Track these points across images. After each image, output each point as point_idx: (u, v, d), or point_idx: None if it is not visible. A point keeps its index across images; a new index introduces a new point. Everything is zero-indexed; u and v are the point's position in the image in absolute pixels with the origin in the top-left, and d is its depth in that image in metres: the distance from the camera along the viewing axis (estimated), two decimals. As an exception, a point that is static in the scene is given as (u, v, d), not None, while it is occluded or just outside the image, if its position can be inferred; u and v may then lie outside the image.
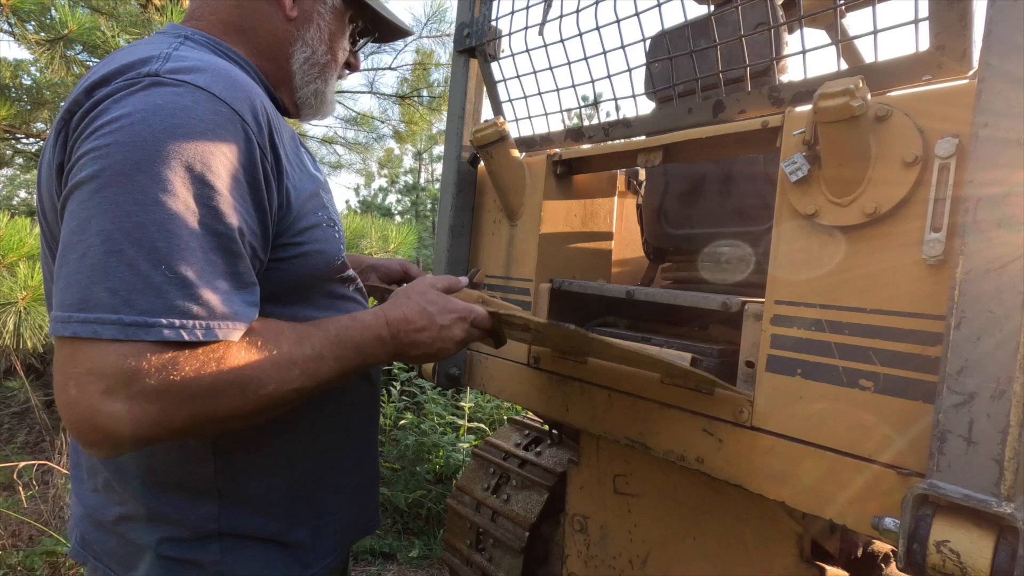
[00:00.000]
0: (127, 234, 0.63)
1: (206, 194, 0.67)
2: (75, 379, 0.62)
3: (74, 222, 0.65)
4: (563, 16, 1.39)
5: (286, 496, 0.92)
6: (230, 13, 0.89)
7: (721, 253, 1.49)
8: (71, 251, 0.64)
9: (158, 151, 0.64)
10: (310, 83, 0.98)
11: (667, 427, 1.13)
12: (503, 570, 1.98)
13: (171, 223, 0.64)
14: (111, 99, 0.68)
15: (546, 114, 1.60)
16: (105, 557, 0.88)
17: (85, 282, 0.62)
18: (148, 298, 0.63)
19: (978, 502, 0.70)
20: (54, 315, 0.64)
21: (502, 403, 4.39)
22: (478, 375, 1.62)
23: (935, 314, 0.81)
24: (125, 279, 0.62)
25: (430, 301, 0.89)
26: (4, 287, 2.57)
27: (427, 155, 10.90)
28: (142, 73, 0.69)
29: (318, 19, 0.95)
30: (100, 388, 0.61)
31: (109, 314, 0.62)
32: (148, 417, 0.63)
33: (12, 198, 9.46)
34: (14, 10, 3.17)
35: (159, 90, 0.68)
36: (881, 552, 1.42)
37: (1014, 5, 0.74)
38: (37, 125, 4.67)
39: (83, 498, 0.92)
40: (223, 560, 0.86)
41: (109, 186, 0.64)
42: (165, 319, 0.63)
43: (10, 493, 3.30)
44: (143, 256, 0.63)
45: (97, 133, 0.66)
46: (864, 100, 0.84)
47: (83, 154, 0.67)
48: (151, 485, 0.83)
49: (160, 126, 0.65)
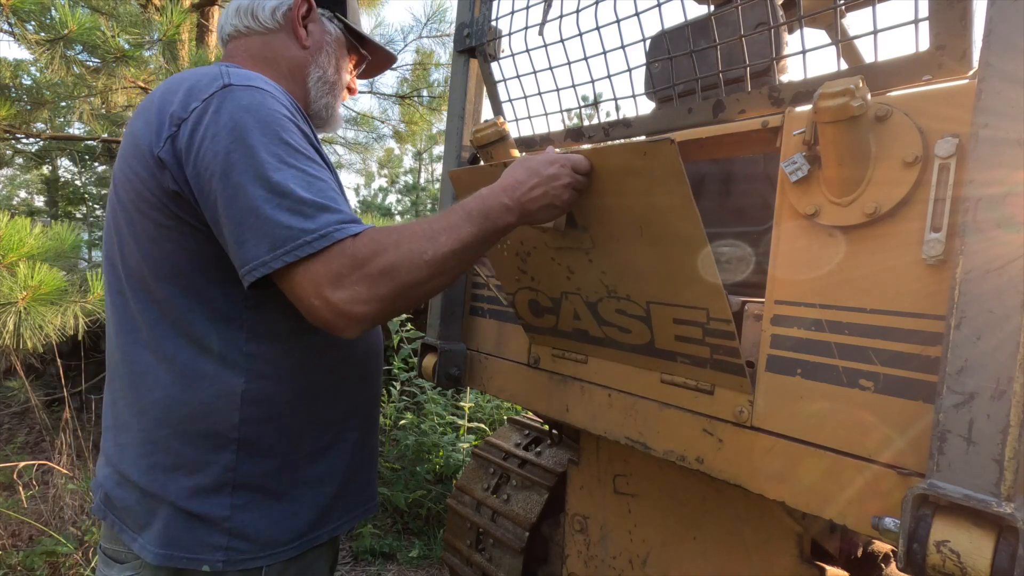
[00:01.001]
0: (273, 192, 0.83)
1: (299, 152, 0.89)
2: (307, 295, 0.83)
3: (230, 198, 0.84)
4: (563, 16, 1.39)
5: (298, 458, 1.01)
6: (259, 48, 1.13)
7: (721, 253, 1.49)
8: (247, 217, 0.83)
9: (260, 131, 0.85)
10: (322, 97, 1.19)
11: (667, 427, 1.13)
12: (503, 570, 1.98)
13: (293, 177, 0.85)
14: (209, 111, 0.87)
15: (546, 114, 1.60)
16: (123, 514, 0.98)
17: (267, 229, 0.82)
18: (313, 221, 0.83)
19: (978, 502, 0.70)
20: (256, 264, 0.83)
21: (502, 403, 4.39)
22: (478, 375, 1.62)
23: (935, 314, 0.81)
24: (291, 218, 0.83)
25: (530, 159, 1.01)
26: (4, 287, 2.57)
27: (427, 155, 10.90)
28: (219, 85, 0.90)
29: (326, 47, 1.18)
30: (311, 291, 0.83)
31: (297, 241, 0.82)
32: (365, 295, 0.83)
33: (12, 198, 9.46)
34: (14, 10, 3.17)
35: (238, 91, 0.89)
36: (881, 552, 1.42)
37: (1014, 5, 0.74)
38: (37, 125, 4.67)
39: (110, 456, 1.02)
40: (232, 517, 0.94)
41: (235, 169, 0.83)
42: (332, 228, 0.84)
43: (10, 493, 3.30)
44: (292, 201, 0.83)
45: (210, 135, 0.86)
46: (864, 100, 0.84)
47: (206, 152, 0.85)
48: (180, 433, 0.94)
49: (251, 115, 0.87)
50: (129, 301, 0.97)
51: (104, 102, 4.19)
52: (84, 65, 3.72)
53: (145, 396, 0.96)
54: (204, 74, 0.94)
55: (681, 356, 1.10)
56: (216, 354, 0.94)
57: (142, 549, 0.94)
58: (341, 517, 1.09)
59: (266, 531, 0.97)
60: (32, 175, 9.02)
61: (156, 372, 0.95)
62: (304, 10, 1.14)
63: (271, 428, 0.98)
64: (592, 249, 1.10)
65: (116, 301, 1.01)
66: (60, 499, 3.07)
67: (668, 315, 1.07)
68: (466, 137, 1.67)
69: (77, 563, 2.64)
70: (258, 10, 1.12)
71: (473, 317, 1.67)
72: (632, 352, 1.19)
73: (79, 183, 7.57)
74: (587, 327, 1.26)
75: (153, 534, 0.94)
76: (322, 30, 1.17)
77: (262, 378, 0.96)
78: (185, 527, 0.93)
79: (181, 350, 0.94)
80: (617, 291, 1.12)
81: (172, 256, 0.93)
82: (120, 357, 1.00)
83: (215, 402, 0.94)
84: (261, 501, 0.97)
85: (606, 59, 1.36)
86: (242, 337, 0.95)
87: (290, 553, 0.99)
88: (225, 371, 0.94)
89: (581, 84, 1.47)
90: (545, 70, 1.48)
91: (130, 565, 0.97)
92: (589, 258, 1.12)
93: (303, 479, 1.02)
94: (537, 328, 1.39)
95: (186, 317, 0.94)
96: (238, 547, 0.94)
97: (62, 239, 2.99)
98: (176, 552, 0.93)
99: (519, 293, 1.35)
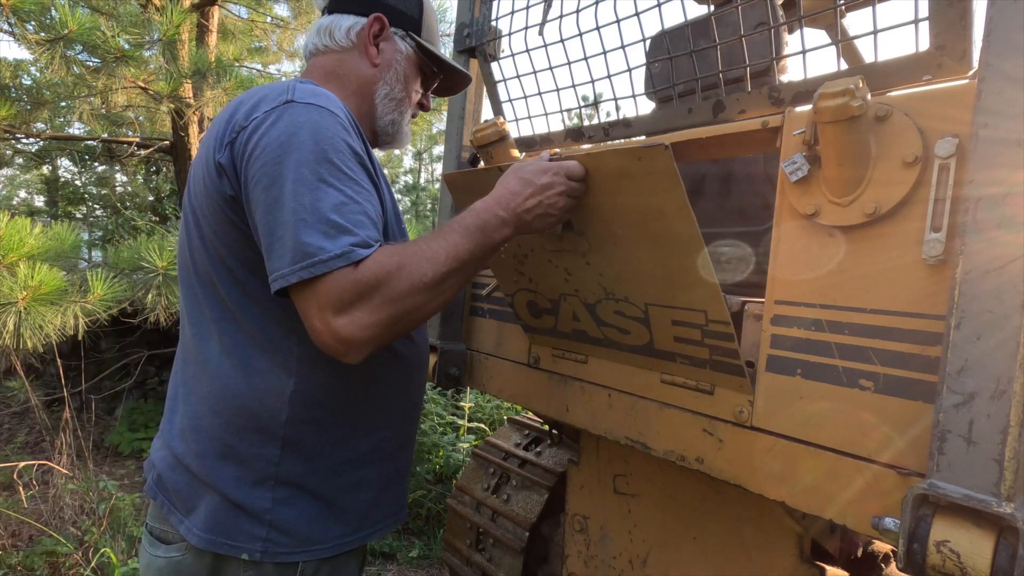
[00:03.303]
0: (305, 209, 0.86)
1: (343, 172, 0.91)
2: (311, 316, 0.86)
3: (268, 209, 0.88)
4: (563, 16, 1.39)
5: (338, 463, 1.05)
6: (332, 65, 1.17)
7: (721, 253, 1.49)
8: (278, 228, 0.87)
9: (309, 148, 0.89)
10: (388, 114, 1.21)
11: (667, 427, 1.13)
12: (503, 570, 1.98)
13: (328, 197, 0.88)
14: (266, 123, 0.92)
15: (546, 114, 1.60)
16: (174, 496, 1.02)
17: (291, 244, 0.85)
18: (333, 242, 0.85)
19: (978, 502, 0.70)
20: (277, 275, 0.86)
21: (502, 403, 4.39)
22: (478, 375, 1.62)
23: (935, 314, 0.81)
24: (313, 236, 0.85)
25: (523, 169, 1.03)
26: (4, 287, 2.57)
27: (427, 155, 10.91)
28: (282, 99, 0.94)
29: (395, 64, 1.20)
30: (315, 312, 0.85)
31: (312, 259, 0.84)
32: (365, 320, 0.85)
33: (12, 198, 9.46)
34: (14, 10, 3.17)
35: (297, 108, 0.93)
36: (881, 552, 1.42)
37: (1014, 5, 0.74)
38: (37, 125, 4.67)
39: (169, 439, 1.06)
40: (273, 509, 0.98)
41: (277, 182, 0.88)
42: (345, 249, 0.85)
43: (10, 493, 3.30)
44: (319, 220, 0.86)
45: (262, 145, 0.90)
46: (864, 100, 0.84)
47: (256, 161, 0.90)
48: (232, 424, 0.99)
49: (305, 132, 0.90)
50: (198, 295, 1.04)
51: (104, 102, 4.19)
52: (84, 65, 3.72)
53: (205, 385, 1.01)
54: (273, 88, 0.99)
55: (680, 357, 1.10)
56: (271, 353, 0.99)
57: (188, 532, 0.99)
58: (375, 524, 1.12)
59: (304, 528, 1.00)
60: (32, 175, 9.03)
61: (217, 364, 1.00)
62: (376, 29, 1.17)
63: (314, 430, 1.02)
64: (589, 252, 1.10)
65: (187, 294, 1.08)
66: (60, 499, 3.07)
67: (667, 317, 1.07)
68: (466, 137, 1.67)
69: (77, 563, 2.64)
70: (335, 30, 1.17)
71: (473, 317, 1.67)
72: (632, 352, 1.19)
73: (79, 183, 7.57)
74: (586, 328, 1.26)
75: (199, 518, 0.98)
76: (394, 48, 1.20)
77: (310, 382, 1.00)
78: (229, 515, 0.98)
79: (240, 345, 0.99)
80: (615, 293, 1.12)
81: (232, 257, 0.98)
82: (189, 346, 1.06)
83: (266, 399, 0.99)
84: (301, 499, 1.01)
85: (606, 59, 1.36)
86: (294, 340, 0.99)
87: (325, 553, 1.02)
88: (278, 370, 0.99)
89: (581, 84, 1.47)
90: (545, 70, 1.48)
91: (176, 546, 1.01)
92: (587, 261, 1.12)
93: (342, 483, 1.05)
94: (537, 329, 1.39)
95: (245, 315, 0.99)
96: (276, 540, 0.98)
97: (62, 239, 3.00)
98: (219, 538, 0.97)
99: (517, 294, 1.35)
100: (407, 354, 1.15)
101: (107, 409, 4.88)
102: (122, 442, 4.45)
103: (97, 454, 4.33)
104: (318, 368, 1.00)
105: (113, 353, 4.87)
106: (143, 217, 6.12)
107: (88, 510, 3.05)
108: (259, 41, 6.20)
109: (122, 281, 3.12)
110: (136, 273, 3.23)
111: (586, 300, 1.19)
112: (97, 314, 2.96)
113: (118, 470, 4.19)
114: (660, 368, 1.16)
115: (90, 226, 6.77)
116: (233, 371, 0.99)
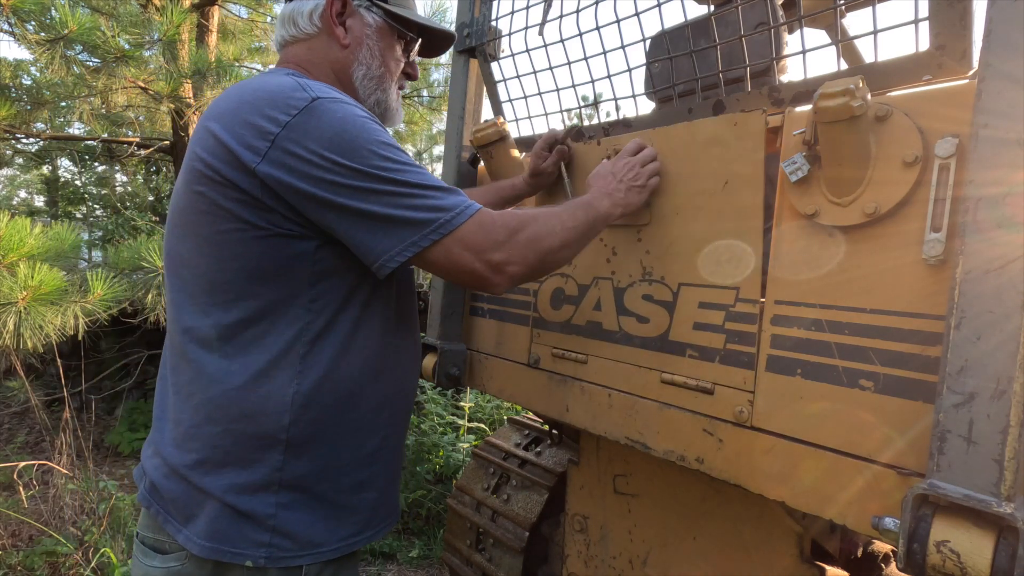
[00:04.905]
0: (401, 186, 0.92)
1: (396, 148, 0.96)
2: (467, 260, 0.96)
3: (360, 200, 0.92)
4: (563, 16, 1.39)
5: (342, 464, 1.04)
6: (305, 55, 1.14)
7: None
8: (381, 210, 0.92)
9: (366, 139, 0.92)
10: (371, 94, 1.17)
11: (667, 427, 1.13)
12: (503, 570, 1.98)
13: (410, 172, 0.94)
14: (302, 127, 0.91)
15: (546, 114, 1.60)
16: (170, 505, 1.00)
17: (408, 217, 0.92)
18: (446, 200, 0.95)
19: (978, 502, 0.70)
20: (402, 247, 0.93)
21: (502, 403, 4.39)
22: (478, 375, 1.62)
23: (935, 314, 0.81)
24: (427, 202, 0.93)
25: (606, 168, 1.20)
26: (4, 287, 2.57)
27: (427, 155, 10.88)
28: (306, 99, 0.93)
29: (367, 40, 1.15)
30: (471, 256, 0.96)
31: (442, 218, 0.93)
32: (517, 257, 0.98)
33: (12, 198, 9.46)
34: (14, 10, 3.16)
35: (327, 105, 0.93)
36: (881, 552, 1.42)
37: (1014, 5, 0.74)
38: (37, 125, 4.67)
39: (161, 448, 1.04)
40: (276, 514, 0.97)
41: (359, 176, 0.91)
42: (465, 204, 0.96)
43: (10, 493, 3.30)
44: (421, 189, 0.93)
45: (318, 144, 0.91)
46: (864, 100, 0.84)
47: (318, 164, 0.90)
48: (232, 431, 0.97)
49: (352, 126, 0.93)
50: (193, 299, 1.00)
51: (104, 102, 4.19)
52: (84, 65, 3.72)
53: (201, 391, 0.98)
54: (280, 85, 0.96)
55: (691, 349, 1.10)
56: (273, 357, 0.97)
57: (188, 541, 0.96)
58: (377, 525, 1.11)
59: (308, 531, 0.99)
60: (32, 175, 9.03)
61: (215, 368, 0.98)
62: (339, 7, 1.12)
63: (318, 432, 1.00)
64: (646, 227, 1.21)
65: (178, 299, 1.03)
66: (60, 499, 3.07)
67: (695, 298, 1.11)
68: (466, 137, 1.67)
69: (77, 563, 2.64)
70: (298, 17, 1.12)
71: (473, 317, 1.67)
72: (640, 348, 1.20)
73: (79, 183, 7.57)
74: (602, 319, 1.28)
75: (199, 527, 0.96)
76: (362, 23, 1.14)
77: (314, 384, 0.99)
78: (231, 522, 0.96)
79: (240, 351, 0.97)
80: (653, 273, 1.19)
81: (237, 259, 0.96)
82: (179, 351, 1.02)
83: (268, 403, 0.97)
84: (305, 502, 1.00)
85: (606, 59, 1.36)
86: (302, 341, 0.98)
87: (329, 555, 1.01)
88: (280, 374, 0.97)
89: (581, 84, 1.47)
90: (545, 70, 1.48)
91: (174, 556, 0.99)
92: (639, 237, 1.23)
93: (346, 484, 1.04)
94: (548, 324, 1.40)
95: (246, 319, 0.97)
96: (280, 544, 0.97)
97: (62, 239, 2.99)
98: (221, 546, 0.95)
99: (546, 282, 1.41)
100: (407, 349, 1.15)
101: (107, 409, 4.88)
102: (122, 442, 4.46)
103: (97, 454, 4.33)
104: (323, 370, 0.99)
105: (113, 353, 4.87)
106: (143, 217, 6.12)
107: (88, 510, 3.05)
108: (259, 41, 6.20)
109: (122, 281, 3.12)
110: (136, 273, 3.23)
111: (618, 284, 1.27)
112: (97, 314, 2.96)
113: (118, 470, 4.19)
114: (663, 365, 1.16)
115: (90, 226, 6.77)
116: (233, 376, 0.97)
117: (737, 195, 1.05)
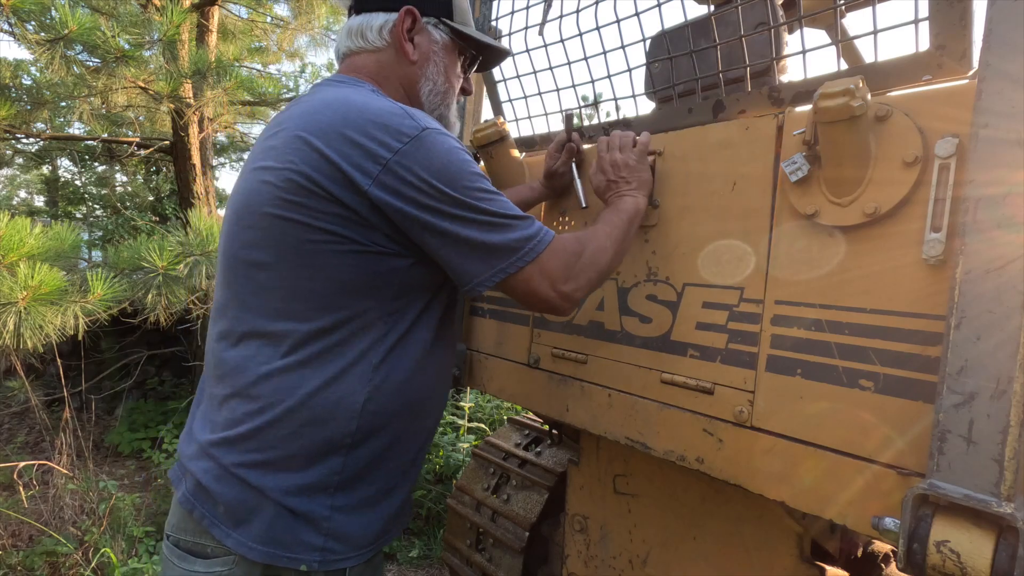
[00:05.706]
0: (494, 217, 0.98)
1: (487, 179, 1.02)
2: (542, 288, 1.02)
3: (459, 228, 0.97)
4: (563, 16, 1.39)
5: (394, 466, 1.07)
6: (373, 67, 1.15)
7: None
8: (476, 237, 0.98)
9: (465, 171, 0.98)
10: (435, 109, 1.21)
11: (667, 427, 1.13)
12: (503, 570, 1.98)
13: (498, 204, 1.00)
14: (413, 155, 0.95)
15: (546, 114, 1.60)
16: (220, 508, 0.98)
17: (501, 245, 0.98)
18: (527, 230, 1.01)
19: (978, 502, 0.70)
20: (494, 272, 0.99)
21: (502, 403, 4.39)
22: (478, 375, 1.62)
23: (935, 314, 0.81)
24: (514, 232, 1.00)
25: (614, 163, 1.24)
26: (4, 287, 2.57)
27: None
28: (416, 128, 0.97)
29: (433, 56, 1.18)
30: (547, 285, 1.02)
31: (526, 248, 1.00)
32: (582, 283, 1.04)
33: (12, 198, 9.46)
34: (14, 10, 3.16)
35: (434, 136, 0.97)
36: (881, 552, 1.42)
37: (1014, 5, 0.74)
38: (37, 125, 4.67)
39: (208, 448, 1.02)
40: (331, 517, 0.99)
41: (460, 205, 0.97)
42: (542, 232, 1.02)
43: (10, 493, 3.30)
44: (509, 219, 1.00)
45: (422, 177, 0.95)
46: (864, 100, 0.84)
47: (430, 191, 0.95)
48: (298, 434, 0.98)
49: (455, 158, 0.98)
50: (268, 304, 1.00)
51: (104, 102, 4.19)
52: (84, 65, 3.72)
53: (267, 394, 0.98)
54: (385, 109, 0.98)
55: (693, 348, 1.11)
56: (348, 364, 0.98)
57: (239, 545, 0.96)
58: (400, 522, 1.14)
59: (356, 533, 1.01)
60: (32, 175, 9.03)
61: (285, 374, 0.98)
62: (409, 24, 1.14)
63: (380, 438, 1.03)
64: (654, 227, 1.23)
65: (249, 302, 1.02)
66: (60, 499, 3.07)
67: (699, 299, 1.12)
68: (466, 137, 1.67)
69: (77, 563, 2.64)
70: (367, 30, 1.14)
71: (473, 317, 1.67)
72: (641, 348, 1.20)
73: (79, 183, 7.58)
74: (604, 319, 1.28)
75: (254, 531, 0.96)
76: (429, 40, 1.17)
77: (383, 391, 1.01)
78: (286, 525, 0.96)
79: (316, 357, 0.98)
80: (658, 273, 1.20)
81: (326, 270, 0.96)
82: (241, 354, 1.01)
83: (338, 409, 0.98)
84: (356, 505, 1.01)
85: (606, 59, 1.37)
86: (376, 351, 1.00)
87: (368, 555, 1.03)
88: (353, 381, 0.99)
89: (581, 84, 1.47)
90: (545, 70, 1.48)
91: (221, 560, 0.98)
92: (646, 238, 1.24)
93: (385, 487, 1.06)
94: (547, 324, 1.40)
95: (328, 327, 0.98)
96: (332, 548, 0.98)
97: (62, 239, 2.99)
98: (276, 551, 0.95)
99: None
100: (450, 359, 1.18)
101: (107, 409, 4.88)
102: (122, 442, 4.46)
103: (97, 454, 4.33)
104: (393, 377, 1.02)
105: (113, 353, 4.87)
106: (143, 217, 6.12)
107: (88, 510, 3.05)
108: (259, 41, 6.21)
109: (122, 281, 3.12)
110: (136, 273, 3.23)
111: (623, 284, 1.27)
112: (97, 314, 2.96)
113: (118, 470, 4.19)
114: (664, 365, 1.16)
115: (90, 226, 6.77)
116: (307, 381, 0.97)
117: (746, 196, 1.06)
